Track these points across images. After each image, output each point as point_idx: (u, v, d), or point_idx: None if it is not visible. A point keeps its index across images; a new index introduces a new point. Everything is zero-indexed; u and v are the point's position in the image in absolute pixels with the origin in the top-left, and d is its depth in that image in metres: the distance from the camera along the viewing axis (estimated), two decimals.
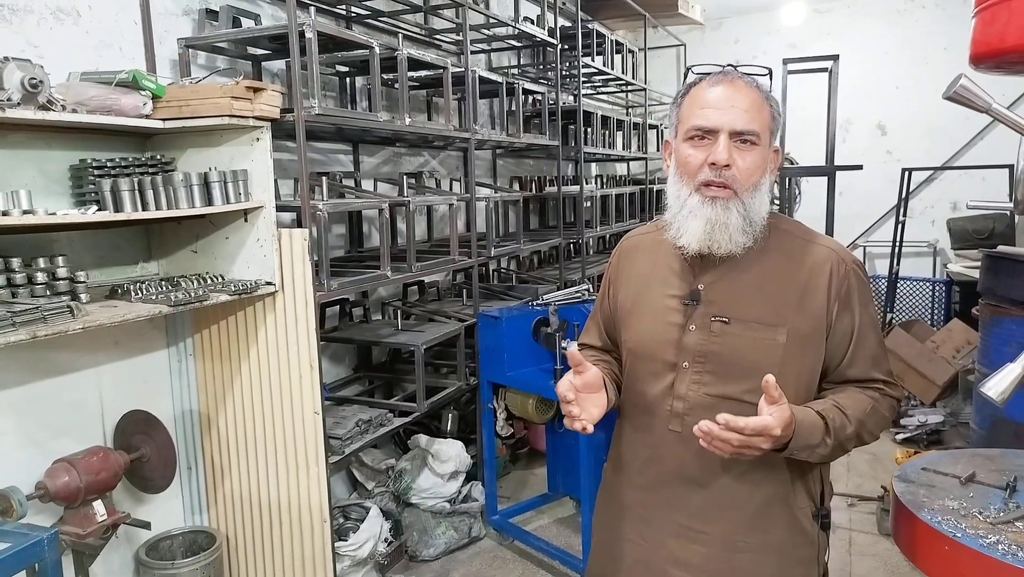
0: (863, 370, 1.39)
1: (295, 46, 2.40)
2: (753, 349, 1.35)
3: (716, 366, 1.37)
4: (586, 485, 3.01)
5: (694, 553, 1.41)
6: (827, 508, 1.46)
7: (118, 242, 2.59)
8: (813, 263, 1.36)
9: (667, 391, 1.41)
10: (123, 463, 2.33)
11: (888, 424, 1.42)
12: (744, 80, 1.35)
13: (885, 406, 1.39)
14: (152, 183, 2.22)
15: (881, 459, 4.34)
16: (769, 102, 1.36)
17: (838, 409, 1.32)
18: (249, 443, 2.70)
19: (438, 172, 4.51)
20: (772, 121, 1.36)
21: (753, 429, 1.20)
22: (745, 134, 1.32)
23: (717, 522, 1.40)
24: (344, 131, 3.17)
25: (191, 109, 2.29)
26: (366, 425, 2.86)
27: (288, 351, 2.55)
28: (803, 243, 1.40)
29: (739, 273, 1.38)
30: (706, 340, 1.38)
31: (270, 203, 2.47)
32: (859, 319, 1.37)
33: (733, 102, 1.32)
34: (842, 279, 1.36)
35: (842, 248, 1.42)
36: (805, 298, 1.35)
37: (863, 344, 1.38)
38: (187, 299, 2.15)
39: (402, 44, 2.99)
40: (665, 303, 1.44)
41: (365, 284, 2.84)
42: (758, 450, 1.24)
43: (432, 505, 3.45)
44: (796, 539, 1.41)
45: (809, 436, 1.28)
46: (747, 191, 1.33)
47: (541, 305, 3.44)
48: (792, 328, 1.34)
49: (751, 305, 1.36)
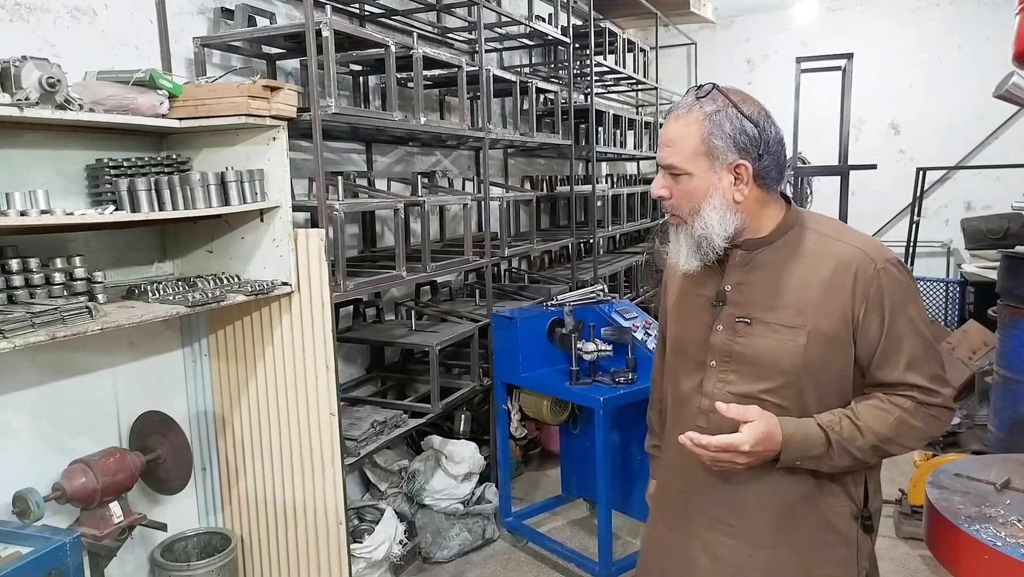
0: (896, 373, 1.35)
1: (312, 45, 2.38)
2: (774, 350, 1.37)
3: (739, 365, 1.40)
4: (603, 487, 2.99)
5: (721, 544, 1.46)
6: (869, 510, 1.44)
7: (133, 242, 2.57)
8: (839, 263, 1.35)
9: (697, 388, 1.47)
10: (139, 464, 2.32)
11: (926, 434, 1.36)
12: (676, 113, 1.38)
13: (920, 416, 1.34)
14: (169, 183, 2.21)
15: (896, 461, 4.29)
16: (704, 125, 1.34)
17: (849, 420, 1.33)
18: (264, 444, 2.69)
19: (450, 171, 4.49)
20: (703, 144, 1.34)
21: (717, 446, 1.28)
22: (670, 169, 1.39)
23: (741, 516, 1.44)
24: (358, 130, 3.15)
25: (208, 108, 2.27)
26: (381, 426, 2.84)
27: (304, 352, 2.53)
28: (831, 242, 1.39)
29: (764, 274, 1.40)
30: (731, 340, 1.42)
31: (286, 203, 2.45)
32: (890, 320, 1.33)
33: (663, 140, 1.40)
34: (870, 279, 1.33)
35: (874, 246, 1.38)
36: (828, 299, 1.34)
37: (896, 346, 1.34)
38: (204, 300, 2.13)
39: (417, 43, 2.97)
40: (698, 303, 1.49)
41: (381, 285, 2.82)
42: (737, 465, 1.31)
43: (446, 506, 3.43)
44: (827, 539, 1.41)
45: (805, 448, 1.31)
46: (690, 215, 1.39)
47: (555, 305, 3.42)
48: (813, 329, 1.34)
49: (773, 306, 1.38)
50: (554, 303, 3.46)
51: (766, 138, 1.35)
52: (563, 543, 3.35)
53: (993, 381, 4.00)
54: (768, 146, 1.35)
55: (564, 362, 3.29)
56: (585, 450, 3.50)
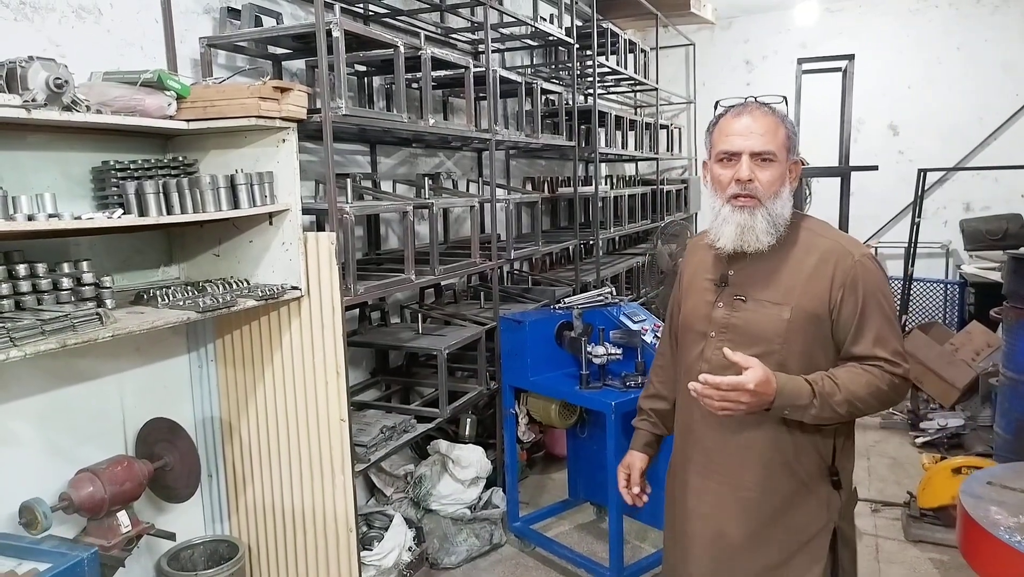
0: (866, 348, 1.59)
1: (323, 45, 2.34)
2: (762, 321, 1.63)
3: (734, 335, 1.65)
4: (615, 492, 2.94)
5: (708, 488, 1.73)
6: (837, 468, 1.67)
7: (140, 246, 2.53)
8: (822, 254, 1.62)
9: (699, 356, 1.72)
10: (147, 472, 2.28)
11: (890, 399, 1.59)
12: (762, 109, 1.64)
13: (884, 381, 1.56)
14: (177, 186, 2.17)
15: (902, 463, 4.29)
16: (785, 125, 1.64)
17: (829, 378, 1.55)
18: (272, 451, 2.65)
19: (454, 173, 4.45)
20: (788, 140, 1.63)
21: (728, 385, 1.48)
22: (763, 154, 1.60)
23: (727, 463, 1.69)
24: (365, 132, 3.11)
25: (217, 110, 2.23)
26: (390, 432, 2.81)
27: (314, 357, 2.50)
28: (818, 238, 1.66)
29: (761, 262, 1.66)
30: (728, 314, 1.68)
31: (296, 206, 2.41)
32: (863, 303, 1.58)
33: (752, 129, 1.61)
34: (847, 269, 1.59)
35: (852, 243, 1.66)
36: (811, 283, 1.61)
37: (867, 324, 1.58)
38: (215, 305, 2.09)
39: (424, 43, 2.94)
40: (706, 285, 1.76)
41: (391, 288, 2.78)
42: (742, 404, 1.50)
43: (453, 512, 3.40)
44: (798, 488, 1.66)
45: (795, 397, 1.52)
46: (769, 199, 1.61)
47: (563, 308, 3.39)
48: (796, 306, 1.60)
49: (765, 287, 1.65)
50: (562, 306, 3.42)
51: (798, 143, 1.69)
52: (571, 548, 3.32)
53: (999, 383, 3.99)
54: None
55: (572, 366, 3.26)
56: (593, 454, 3.47)
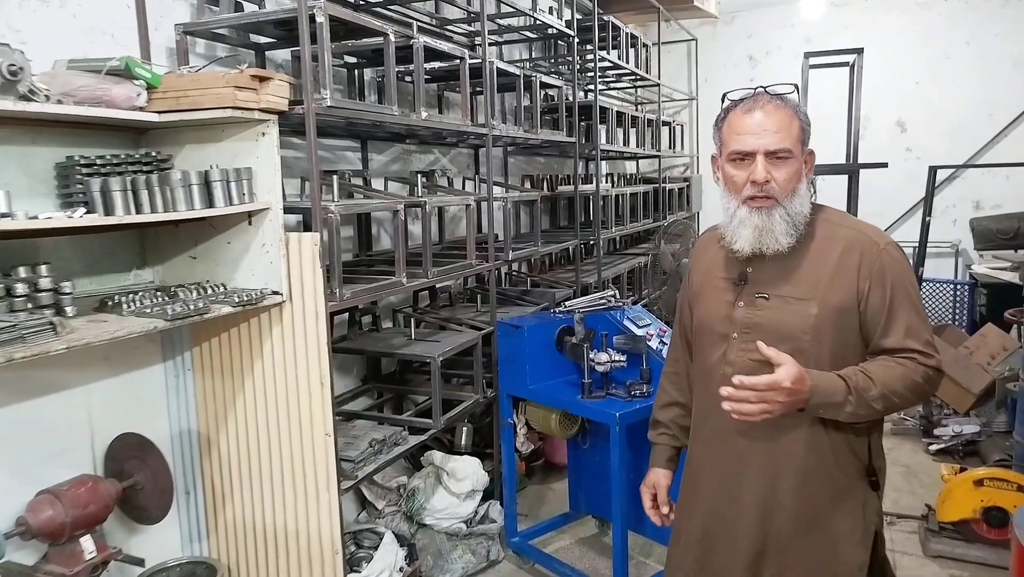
0: (897, 340, 1.51)
1: (305, 32, 2.17)
2: (788, 319, 1.55)
3: (759, 335, 1.54)
4: (618, 507, 2.79)
5: (745, 491, 1.63)
6: (875, 468, 1.61)
7: (110, 247, 2.36)
8: (846, 246, 1.55)
9: (721, 358, 1.63)
10: (114, 493, 2.11)
11: (924, 391, 1.52)
12: (773, 103, 1.54)
13: (919, 373, 1.50)
14: (147, 183, 2.00)
15: (916, 472, 4.12)
16: (798, 115, 1.55)
17: (863, 373, 1.48)
18: (253, 466, 2.48)
19: (449, 170, 4.28)
20: (802, 132, 1.55)
21: (765, 384, 1.39)
22: (778, 152, 1.52)
23: (765, 471, 1.60)
24: (354, 126, 2.94)
25: (190, 100, 2.06)
26: (380, 445, 2.63)
27: (296, 367, 2.33)
28: (840, 228, 1.58)
29: (781, 257, 1.57)
30: (751, 314, 1.59)
31: (277, 204, 2.24)
32: (891, 294, 1.51)
33: (765, 126, 1.52)
34: (873, 259, 1.52)
35: (876, 231, 1.58)
36: (837, 276, 1.53)
37: (897, 316, 1.51)
38: (185, 312, 1.92)
39: (417, 33, 2.77)
40: (722, 284, 1.67)
41: (380, 292, 2.61)
42: (778, 405, 1.41)
43: (447, 526, 3.23)
44: (838, 493, 1.58)
45: (830, 394, 1.45)
46: (787, 197, 1.54)
47: (564, 312, 3.22)
48: (823, 301, 1.52)
49: (788, 283, 1.56)
50: (562, 310, 3.25)
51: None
52: (572, 564, 3.16)
53: (1018, 388, 3.83)
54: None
55: (573, 373, 3.09)
56: (595, 465, 3.30)
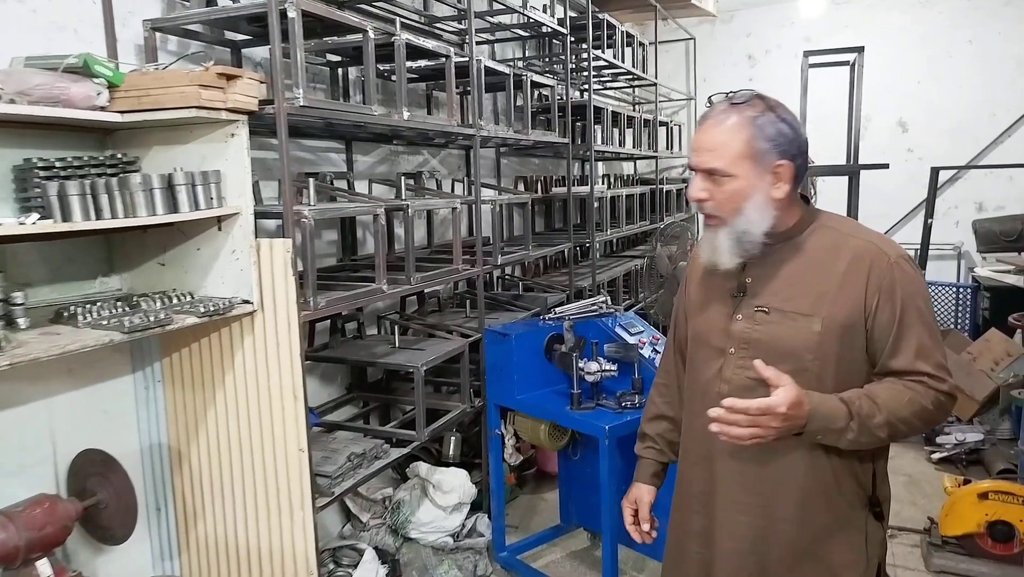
0: (907, 361, 1.40)
1: (276, 28, 2.06)
2: (790, 336, 1.43)
3: (757, 352, 1.44)
4: (608, 521, 2.69)
5: (740, 524, 1.52)
6: (878, 497, 1.50)
7: (73, 253, 2.25)
8: (853, 256, 1.42)
9: (716, 375, 1.53)
10: (74, 513, 1.99)
11: (935, 418, 1.42)
12: (717, 118, 1.42)
13: (928, 398, 1.39)
14: (107, 186, 1.89)
15: (919, 482, 4.01)
16: (750, 129, 1.39)
17: (867, 397, 1.37)
18: (225, 482, 2.37)
19: (438, 172, 4.17)
20: (747, 147, 1.39)
21: (758, 408, 1.29)
22: (712, 172, 1.42)
23: (760, 494, 1.49)
24: (335, 126, 2.84)
25: (153, 100, 1.95)
26: (359, 459, 2.53)
27: (269, 379, 2.22)
28: (846, 237, 1.46)
29: (782, 267, 1.47)
30: (750, 328, 1.48)
31: (247, 209, 2.14)
32: (902, 310, 1.39)
33: (701, 144, 1.43)
34: (883, 272, 1.40)
35: (887, 242, 1.45)
36: (843, 289, 1.41)
37: (907, 335, 1.40)
38: (144, 324, 1.81)
39: (400, 30, 2.67)
40: (719, 295, 1.56)
41: (358, 300, 2.50)
42: (772, 430, 1.31)
43: (433, 540, 3.12)
44: (838, 523, 1.47)
45: (830, 420, 1.34)
46: (731, 216, 1.44)
47: (554, 319, 3.11)
48: (828, 317, 1.40)
49: (790, 296, 1.45)
50: (552, 316, 3.15)
51: (800, 139, 1.42)
52: None
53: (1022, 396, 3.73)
54: (800, 147, 1.42)
55: (563, 381, 2.98)
56: (587, 477, 3.20)
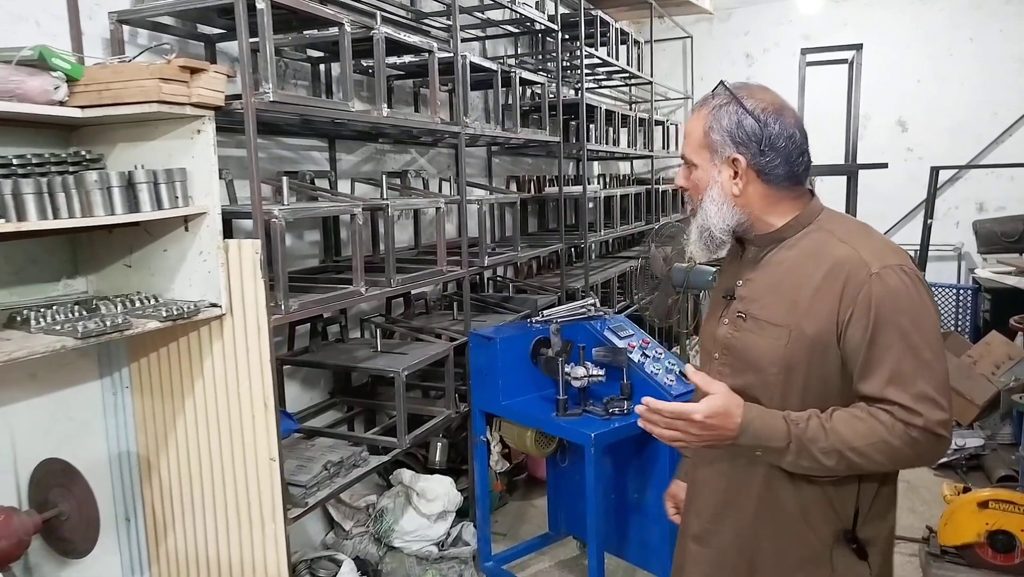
0: (876, 387, 1.25)
1: (243, 19, 1.97)
2: (758, 346, 1.36)
3: (733, 359, 1.41)
4: (594, 530, 2.60)
5: (713, 532, 1.48)
6: (856, 534, 1.35)
7: (37, 255, 2.17)
8: (832, 265, 1.30)
9: None
10: (31, 526, 1.91)
11: (905, 457, 1.25)
12: (695, 109, 1.42)
13: (895, 433, 1.22)
14: (64, 185, 1.81)
15: (917, 488, 3.92)
16: (707, 119, 1.37)
17: (817, 420, 1.26)
18: (196, 492, 2.29)
19: (426, 171, 4.09)
20: (705, 137, 1.37)
21: (671, 412, 1.26)
22: (684, 159, 1.44)
23: (723, 505, 1.45)
24: (313, 123, 2.75)
25: (113, 94, 1.87)
26: (336, 468, 2.44)
27: (239, 386, 2.13)
28: (836, 244, 1.33)
29: (769, 272, 1.39)
30: (729, 334, 1.43)
31: (214, 208, 2.05)
32: (875, 329, 1.24)
33: (684, 131, 1.45)
34: (859, 284, 1.26)
35: (876, 251, 1.29)
36: (815, 300, 1.30)
37: (878, 357, 1.25)
38: (100, 329, 1.73)
39: (381, 24, 2.58)
40: (718, 296, 1.53)
41: (334, 303, 2.42)
42: (692, 437, 1.28)
43: (417, 549, 3.04)
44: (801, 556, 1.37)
45: (764, 437, 1.27)
46: (698, 207, 1.41)
47: (541, 322, 3.03)
48: (796, 330, 1.31)
49: (767, 303, 1.37)
50: (539, 319, 3.06)
51: (768, 134, 1.33)
52: None
53: None
54: (771, 141, 1.33)
55: (550, 387, 2.89)
56: (575, 484, 3.11)
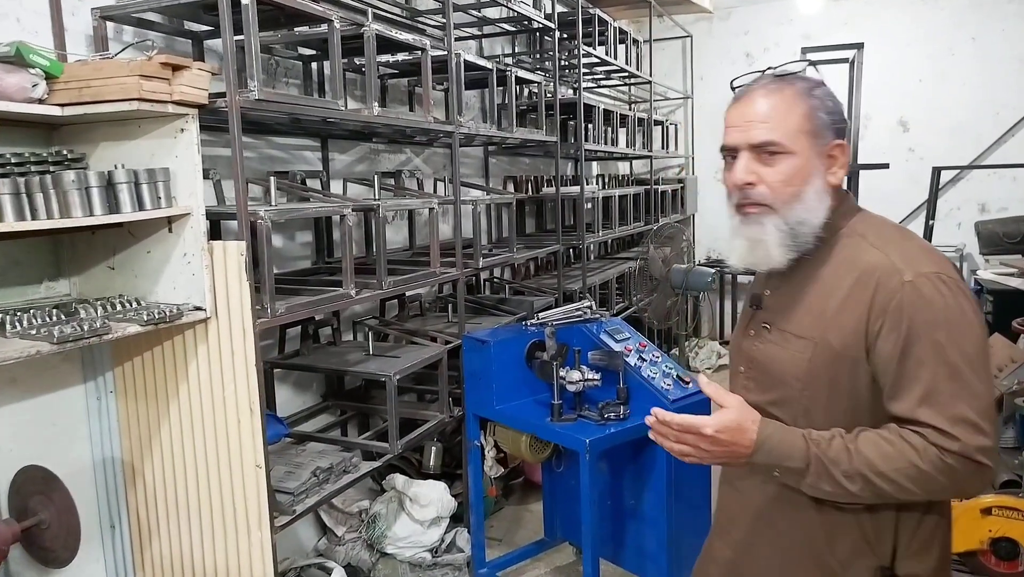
0: (907, 407, 1.14)
1: (227, 15, 1.93)
2: (782, 360, 1.27)
3: (757, 373, 1.33)
4: (589, 537, 2.55)
5: (725, 554, 1.42)
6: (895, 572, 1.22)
7: (19, 256, 2.12)
8: (863, 272, 1.20)
9: None
10: (10, 535, 1.87)
11: (940, 485, 1.12)
12: (768, 87, 1.26)
13: (927, 459, 1.10)
14: (42, 185, 1.76)
15: None
16: (808, 99, 1.25)
17: (841, 439, 1.16)
18: (181, 499, 2.24)
19: (421, 171, 4.04)
20: (808, 120, 1.24)
21: (679, 425, 1.19)
22: (765, 145, 1.24)
23: (740, 529, 1.38)
24: (304, 123, 2.70)
25: (93, 92, 1.82)
26: (325, 474, 2.39)
27: (224, 391, 2.08)
28: (867, 249, 1.23)
29: (796, 280, 1.29)
30: (753, 347, 1.35)
31: (199, 209, 2.00)
32: (907, 342, 1.13)
33: (748, 116, 1.26)
34: (891, 292, 1.15)
35: (911, 258, 1.18)
36: (844, 311, 1.20)
37: (911, 374, 1.13)
38: (77, 333, 1.68)
39: (371, 20, 2.53)
40: (747, 308, 1.43)
41: (323, 306, 2.37)
42: (704, 452, 1.20)
43: (411, 556, 2.99)
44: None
45: (781, 456, 1.18)
46: (785, 203, 1.24)
47: (536, 325, 2.97)
48: (821, 343, 1.21)
49: (793, 314, 1.28)
50: (535, 322, 3.01)
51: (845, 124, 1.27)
52: None
53: None
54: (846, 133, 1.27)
55: (546, 390, 2.84)
56: (571, 490, 3.06)
